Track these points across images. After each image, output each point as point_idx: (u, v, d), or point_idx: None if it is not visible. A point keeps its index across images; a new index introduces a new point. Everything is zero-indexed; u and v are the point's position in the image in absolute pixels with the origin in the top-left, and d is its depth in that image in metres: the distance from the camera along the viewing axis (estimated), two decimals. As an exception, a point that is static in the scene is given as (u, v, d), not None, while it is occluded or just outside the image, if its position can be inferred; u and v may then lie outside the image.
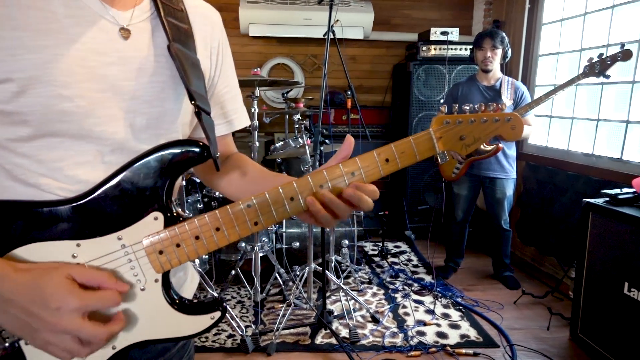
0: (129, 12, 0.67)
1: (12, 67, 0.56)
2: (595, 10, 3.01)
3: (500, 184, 3.07)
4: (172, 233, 0.64)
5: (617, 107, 2.84)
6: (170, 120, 0.71)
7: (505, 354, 2.36)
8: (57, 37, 0.59)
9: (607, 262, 2.22)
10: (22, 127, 0.59)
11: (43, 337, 0.56)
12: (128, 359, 0.68)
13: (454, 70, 3.88)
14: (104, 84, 0.63)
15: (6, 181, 0.61)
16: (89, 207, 0.62)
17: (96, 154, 0.64)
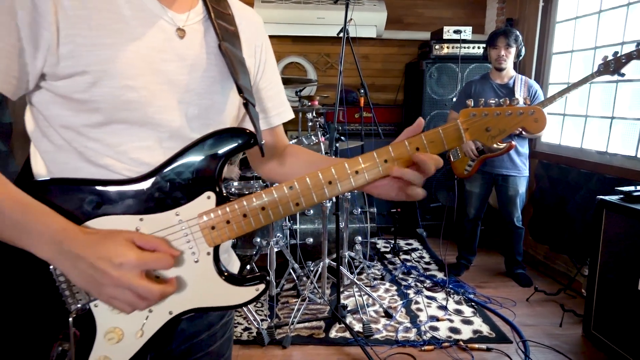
0: (184, 15, 0.74)
1: (88, 61, 0.64)
2: (610, 8, 3.01)
3: (513, 181, 3.09)
4: (223, 211, 0.71)
5: (632, 105, 2.84)
6: (218, 112, 0.78)
7: (518, 349, 2.38)
8: (125, 35, 0.67)
9: (620, 259, 2.23)
10: (95, 114, 0.66)
11: (107, 291, 0.62)
12: (179, 331, 0.74)
13: (467, 69, 3.89)
14: (163, 78, 0.70)
15: (79, 162, 0.69)
16: (151, 186, 0.69)
17: (155, 140, 0.71)
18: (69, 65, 0.63)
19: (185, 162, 0.70)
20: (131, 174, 0.70)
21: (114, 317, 0.69)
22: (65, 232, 0.62)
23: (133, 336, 0.70)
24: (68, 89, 0.65)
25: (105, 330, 0.69)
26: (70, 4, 0.63)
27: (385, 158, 0.73)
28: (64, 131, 0.68)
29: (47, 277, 0.67)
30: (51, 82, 0.65)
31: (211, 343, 0.86)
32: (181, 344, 0.81)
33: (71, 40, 0.63)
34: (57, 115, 0.67)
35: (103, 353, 0.69)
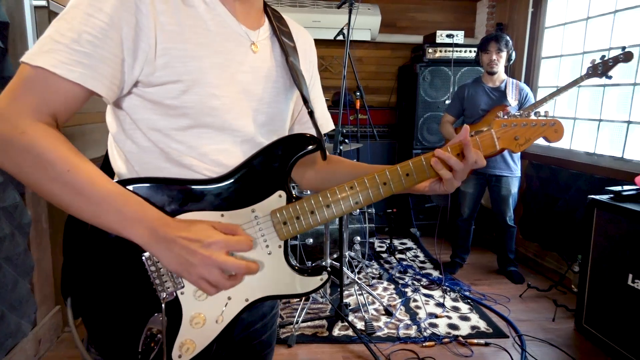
0: (256, 32, 0.83)
1: (181, 71, 0.71)
2: (598, 15, 3.13)
3: (506, 181, 3.19)
4: (293, 208, 0.78)
5: (619, 108, 2.97)
6: (281, 119, 0.87)
7: (514, 343, 2.47)
8: (211, 49, 0.75)
9: (611, 255, 2.34)
10: (183, 119, 0.74)
11: (198, 271, 0.68)
12: (240, 320, 0.80)
13: (459, 72, 4.00)
14: (240, 87, 0.78)
15: (163, 162, 0.75)
16: (230, 185, 0.77)
17: (231, 143, 0.78)
18: (163, 75, 0.70)
19: (259, 164, 0.78)
20: (211, 173, 0.77)
21: (198, 304, 0.75)
22: (159, 220, 0.69)
23: (214, 321, 0.77)
24: (160, 95, 0.72)
25: (190, 315, 0.75)
26: (166, 21, 0.70)
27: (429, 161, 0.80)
28: (151, 133, 0.74)
29: (140, 268, 0.73)
30: (143, 88, 0.72)
31: (264, 332, 0.93)
32: (240, 332, 0.88)
33: (167, 52, 0.70)
34: (146, 118, 0.74)
35: (188, 337, 0.76)
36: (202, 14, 0.75)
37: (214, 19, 0.76)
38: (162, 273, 0.74)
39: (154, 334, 0.74)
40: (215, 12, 0.76)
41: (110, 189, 0.68)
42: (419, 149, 4.10)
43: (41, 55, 0.64)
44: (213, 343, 0.77)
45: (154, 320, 0.74)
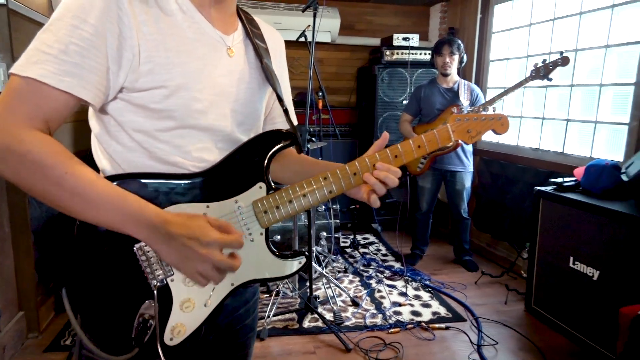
0: (231, 36, 0.88)
1: (165, 77, 0.76)
2: (539, 22, 3.41)
3: (460, 176, 3.40)
4: (273, 198, 0.85)
5: (559, 107, 3.24)
6: (256, 117, 0.94)
7: (472, 326, 2.67)
8: (191, 55, 0.80)
9: (555, 240, 2.58)
10: (167, 121, 0.79)
11: (193, 266, 0.74)
12: (224, 305, 0.86)
13: (415, 73, 4.20)
14: (218, 90, 0.84)
15: (149, 161, 0.80)
16: (214, 178, 0.83)
17: (212, 142, 0.85)
18: (148, 81, 0.75)
19: (240, 158, 0.85)
20: (195, 169, 0.83)
21: (187, 289, 0.81)
22: (158, 216, 0.73)
23: (203, 305, 0.82)
24: (145, 99, 0.76)
25: (180, 300, 0.80)
26: (148, 30, 0.75)
27: (395, 154, 0.88)
28: (136, 134, 0.78)
29: (131, 257, 0.77)
30: (128, 93, 0.76)
31: (247, 317, 1.00)
32: (225, 317, 0.94)
33: (150, 60, 0.75)
34: (131, 120, 0.78)
35: (179, 320, 0.81)
36: (180, 22, 0.79)
37: (192, 26, 0.81)
38: (152, 262, 0.78)
39: (146, 320, 0.78)
40: (192, 20, 0.81)
41: (108, 189, 0.72)
42: (379, 147, 4.26)
43: (30, 66, 0.67)
44: (202, 325, 0.83)
45: (146, 306, 0.78)
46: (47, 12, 2.72)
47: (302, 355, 2.35)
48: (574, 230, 2.43)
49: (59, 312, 2.71)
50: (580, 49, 3.01)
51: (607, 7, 2.78)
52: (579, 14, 3.00)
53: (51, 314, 2.67)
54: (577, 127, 3.08)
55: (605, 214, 2.24)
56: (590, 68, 2.98)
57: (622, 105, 2.73)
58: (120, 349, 0.78)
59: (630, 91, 2.64)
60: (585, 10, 2.96)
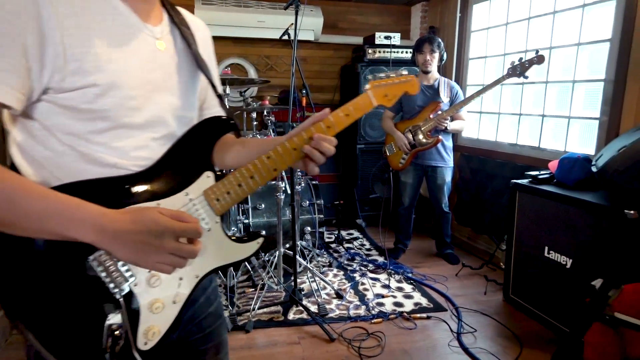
0: (159, 27, 0.85)
1: (95, 76, 0.72)
2: (515, 21, 3.51)
3: (441, 171, 3.49)
4: (222, 184, 0.86)
5: (535, 103, 3.35)
6: (193, 109, 0.93)
7: (452, 315, 2.74)
8: (120, 51, 0.76)
9: (531, 231, 2.67)
10: (101, 122, 0.75)
11: (152, 259, 0.72)
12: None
13: (397, 71, 4.27)
14: (153, 85, 0.81)
15: (84, 165, 0.76)
16: (160, 174, 0.82)
17: (150, 139, 0.82)
18: (76, 80, 0.71)
19: (183, 151, 0.85)
20: (137, 168, 0.80)
21: (153, 290, 0.80)
22: (105, 216, 0.70)
23: (171, 302, 0.82)
24: (74, 100, 0.72)
25: (148, 303, 0.80)
26: (71, 24, 0.70)
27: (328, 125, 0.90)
28: (67, 138, 0.74)
29: (88, 271, 0.74)
30: (54, 94, 0.71)
31: (209, 305, 0.99)
32: (187, 310, 0.91)
33: (78, 58, 0.71)
34: (60, 124, 0.73)
35: (151, 323, 0.80)
36: (106, 15, 0.75)
37: (117, 18, 0.77)
38: (111, 270, 0.75)
39: (115, 330, 0.76)
40: (117, 11, 0.77)
41: (47, 194, 0.68)
42: (362, 144, 4.34)
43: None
44: (175, 323, 0.83)
45: (113, 317, 0.76)
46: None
47: (287, 345, 2.40)
48: (549, 221, 2.52)
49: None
50: (554, 46, 3.12)
51: (578, 7, 2.89)
52: (552, 13, 3.11)
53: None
54: (552, 123, 3.19)
55: (577, 204, 2.33)
56: (564, 65, 3.09)
57: (593, 101, 2.84)
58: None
59: (600, 87, 2.75)
60: (559, 9, 3.06)
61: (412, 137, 3.38)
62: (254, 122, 3.55)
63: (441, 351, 2.37)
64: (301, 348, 2.37)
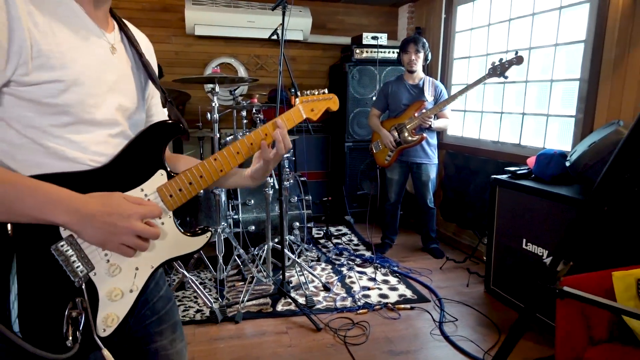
0: (112, 35, 0.92)
1: (61, 72, 0.77)
2: (497, 22, 3.63)
3: (425, 168, 3.59)
4: (175, 182, 0.94)
5: (516, 101, 3.47)
6: (141, 110, 0.99)
7: (435, 306, 2.85)
8: (85, 51, 0.83)
9: (510, 225, 2.78)
10: (63, 116, 0.80)
11: (117, 239, 0.79)
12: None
13: (384, 71, 4.38)
14: (107, 86, 0.87)
15: (44, 158, 0.79)
16: (117, 171, 0.88)
17: (107, 136, 0.88)
18: (40, 75, 0.75)
19: (138, 150, 0.91)
20: (94, 163, 0.84)
21: (112, 280, 0.86)
22: (77, 198, 0.76)
23: (129, 291, 0.89)
24: (36, 94, 0.75)
25: (106, 291, 0.86)
26: (37, 21, 0.74)
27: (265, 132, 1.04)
28: (27, 130, 0.77)
29: (49, 259, 0.79)
30: (16, 87, 0.74)
31: (159, 289, 1.06)
32: (139, 296, 0.95)
33: (43, 54, 0.75)
34: (20, 116, 0.76)
35: (110, 310, 0.86)
36: (69, 18, 0.80)
37: (76, 22, 0.82)
38: (72, 260, 0.80)
39: (76, 317, 0.80)
40: (78, 16, 0.83)
41: (19, 179, 0.72)
42: (350, 142, 4.43)
43: None
44: (132, 309, 0.89)
45: (73, 304, 0.80)
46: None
47: (275, 335, 2.48)
48: (526, 214, 2.63)
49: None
50: (533, 47, 3.23)
51: (555, 9, 3.01)
52: (531, 14, 3.23)
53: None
54: (532, 120, 3.30)
55: (553, 198, 2.44)
56: (543, 65, 3.21)
57: (569, 99, 2.96)
58: (59, 348, 0.79)
59: (576, 86, 2.87)
60: (537, 11, 3.18)
61: (398, 135, 3.48)
62: (244, 120, 3.63)
63: (423, 339, 2.47)
64: (289, 337, 2.46)
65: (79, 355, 0.80)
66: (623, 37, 2.51)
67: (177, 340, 1.08)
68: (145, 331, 1.02)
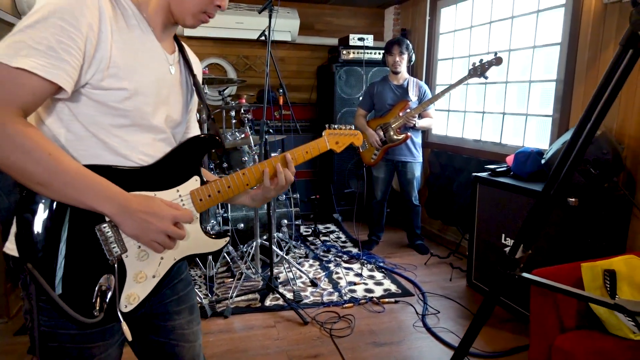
0: (172, 56, 1.07)
1: (128, 83, 0.92)
2: (478, 24, 3.74)
3: (410, 166, 3.69)
4: (206, 188, 1.06)
5: (497, 101, 3.58)
6: (183, 122, 1.13)
7: (418, 300, 2.95)
8: (147, 67, 0.98)
9: (490, 220, 2.89)
10: (122, 119, 0.94)
11: (151, 236, 0.92)
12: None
13: (370, 72, 4.47)
14: (161, 98, 1.02)
15: (101, 151, 0.93)
16: (159, 172, 1.01)
17: (153, 139, 1.02)
18: (112, 82, 0.90)
19: (180, 156, 1.05)
20: (141, 162, 0.98)
21: (140, 264, 0.98)
22: (123, 195, 0.90)
23: (152, 276, 1.00)
24: (105, 97, 0.90)
25: (134, 273, 0.97)
26: (117, 39, 0.91)
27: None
28: (91, 126, 0.91)
29: (92, 237, 0.92)
30: (90, 89, 0.89)
31: (181, 273, 1.18)
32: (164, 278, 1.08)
33: (117, 66, 0.90)
34: (88, 114, 0.91)
35: (133, 290, 0.98)
36: (139, 37, 0.95)
37: (147, 43, 0.97)
38: (110, 241, 0.92)
39: (105, 291, 0.92)
40: (147, 38, 0.98)
41: (83, 171, 0.85)
42: (338, 141, 4.51)
43: (20, 58, 0.78)
44: (152, 293, 1.01)
45: (104, 279, 0.93)
46: (11, 10, 2.81)
47: (264, 329, 2.56)
48: (505, 210, 2.74)
49: (28, 300, 2.81)
50: (513, 49, 3.34)
51: (533, 12, 3.12)
52: (511, 17, 3.34)
53: (20, 302, 2.77)
54: (512, 120, 3.41)
55: (529, 194, 2.55)
56: (522, 66, 3.32)
57: (547, 99, 3.07)
58: (87, 314, 0.91)
59: (552, 87, 2.98)
60: (516, 14, 3.29)
61: (383, 134, 3.57)
62: (233, 120, 3.70)
63: (406, 331, 2.56)
64: (276, 331, 2.54)
65: (100, 324, 0.92)
66: (595, 40, 2.62)
67: (194, 323, 1.20)
68: (165, 308, 1.12)
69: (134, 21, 0.96)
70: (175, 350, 1.15)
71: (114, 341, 1.01)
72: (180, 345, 1.16)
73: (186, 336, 1.17)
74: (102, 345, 0.98)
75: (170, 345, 1.14)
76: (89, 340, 0.96)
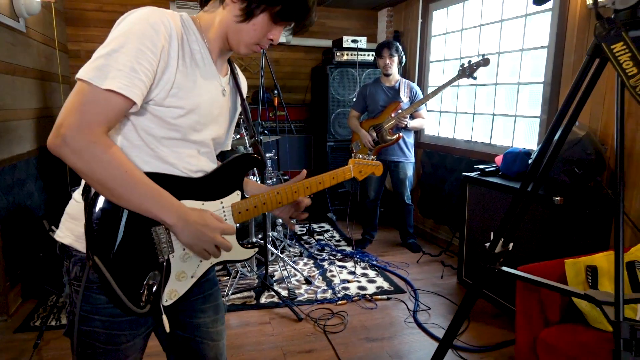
0: (225, 78, 1.17)
1: (184, 102, 1.02)
2: (469, 27, 3.81)
3: (403, 166, 3.76)
4: (245, 202, 1.17)
5: (487, 102, 3.66)
6: (226, 139, 1.26)
7: (410, 297, 3.02)
8: (203, 89, 1.08)
9: (479, 219, 2.96)
10: (174, 133, 1.04)
11: (202, 245, 1.03)
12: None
13: (364, 73, 4.54)
14: (211, 117, 1.13)
15: (150, 159, 1.03)
16: (208, 184, 1.12)
17: (197, 152, 1.12)
18: (172, 101, 1.00)
19: (226, 172, 1.16)
20: (186, 171, 1.08)
21: (182, 264, 1.09)
22: (182, 207, 1.01)
23: (190, 276, 1.11)
24: (164, 113, 1.01)
25: (177, 272, 1.08)
26: (181, 64, 1.01)
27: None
28: (146, 136, 1.01)
29: (147, 238, 1.02)
30: (152, 105, 1.00)
31: (208, 273, 1.24)
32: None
33: (178, 87, 1.00)
34: (145, 125, 1.01)
35: (174, 287, 1.09)
36: (200, 61, 1.06)
37: (205, 69, 1.08)
38: (162, 241, 1.03)
39: (151, 285, 1.03)
40: (207, 64, 1.08)
41: (150, 185, 0.97)
42: (332, 142, 4.59)
43: (108, 80, 0.88)
44: (189, 291, 1.11)
45: (152, 275, 1.03)
46: (8, 12, 2.85)
47: (259, 325, 2.62)
48: (493, 209, 2.81)
49: (27, 298, 2.86)
50: (502, 51, 3.42)
51: (521, 16, 3.20)
52: (500, 21, 3.42)
53: (19, 300, 2.81)
54: (501, 121, 3.49)
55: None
56: (511, 69, 3.40)
57: (535, 101, 3.15)
58: (135, 304, 1.02)
59: (540, 89, 3.06)
60: (506, 18, 3.37)
61: (376, 135, 3.64)
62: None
63: (398, 327, 2.63)
64: (271, 327, 2.60)
65: (147, 314, 1.03)
66: (580, 43, 2.70)
67: (219, 322, 1.28)
68: (191, 306, 1.21)
69: (197, 46, 1.06)
70: (200, 347, 1.23)
71: (141, 332, 1.10)
72: (205, 343, 1.24)
73: (211, 334, 1.24)
74: (129, 334, 1.07)
75: (195, 342, 1.23)
76: (118, 327, 1.05)
